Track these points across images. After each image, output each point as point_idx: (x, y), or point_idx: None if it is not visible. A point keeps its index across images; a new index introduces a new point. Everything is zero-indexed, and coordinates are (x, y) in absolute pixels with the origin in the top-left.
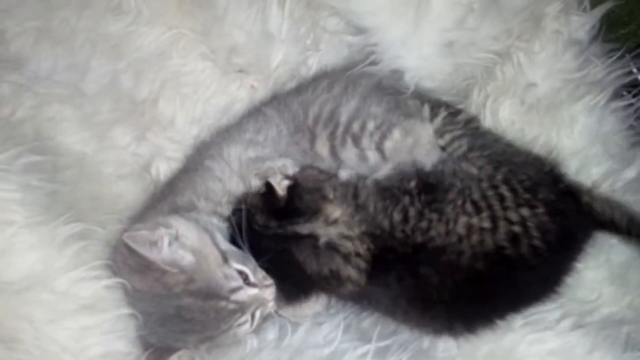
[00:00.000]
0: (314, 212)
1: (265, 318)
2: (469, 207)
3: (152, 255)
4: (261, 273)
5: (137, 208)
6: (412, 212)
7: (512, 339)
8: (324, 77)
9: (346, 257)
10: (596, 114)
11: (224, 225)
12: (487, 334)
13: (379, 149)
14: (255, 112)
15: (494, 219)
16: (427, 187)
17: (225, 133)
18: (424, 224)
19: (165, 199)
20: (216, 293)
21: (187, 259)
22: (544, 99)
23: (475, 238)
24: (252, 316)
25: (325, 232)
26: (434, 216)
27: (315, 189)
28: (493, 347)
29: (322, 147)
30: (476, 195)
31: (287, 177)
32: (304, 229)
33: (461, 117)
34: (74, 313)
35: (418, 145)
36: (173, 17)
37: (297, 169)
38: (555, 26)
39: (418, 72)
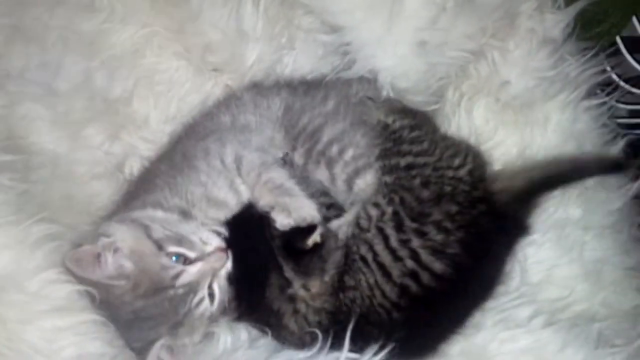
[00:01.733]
0: (304, 272)
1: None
2: (360, 264)
3: (94, 275)
4: (202, 239)
5: (110, 207)
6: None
7: (483, 337)
8: (319, 88)
9: (295, 312)
10: (570, 112)
11: (173, 217)
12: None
13: (349, 182)
14: (231, 99)
15: (383, 267)
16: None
17: (208, 127)
18: (350, 294)
19: (139, 197)
20: (161, 286)
21: (127, 266)
22: (519, 97)
23: (378, 293)
24: (211, 293)
25: (297, 288)
26: (352, 283)
27: (323, 260)
28: (465, 345)
29: (298, 160)
30: (363, 249)
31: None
32: (287, 272)
33: (394, 126)
34: (46, 314)
35: None
36: (147, 15)
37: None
38: (530, 24)
39: (392, 71)
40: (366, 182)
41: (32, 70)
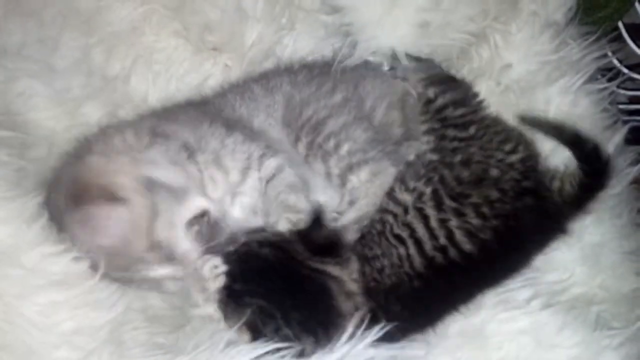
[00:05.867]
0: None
1: None
2: (393, 240)
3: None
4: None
5: None
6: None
7: (482, 317)
8: (328, 77)
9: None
10: (571, 96)
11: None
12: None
13: (342, 177)
14: (245, 91)
15: (418, 242)
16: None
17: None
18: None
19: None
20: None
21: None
22: (520, 80)
23: (407, 264)
24: None
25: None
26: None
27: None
28: (463, 325)
29: (301, 151)
30: (397, 228)
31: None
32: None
33: (438, 103)
34: (43, 288)
35: (379, 189)
36: None
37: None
38: (532, 7)
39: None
40: (360, 179)
41: (30, 46)
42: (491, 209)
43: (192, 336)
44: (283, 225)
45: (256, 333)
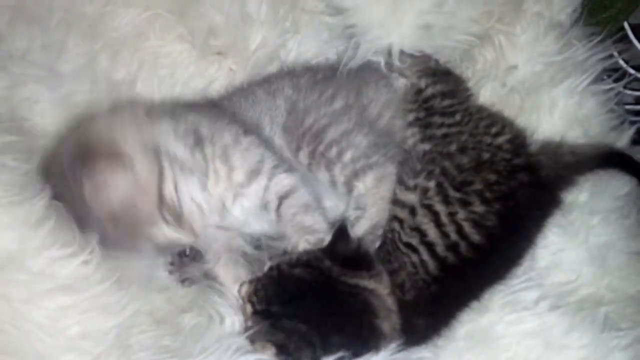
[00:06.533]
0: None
1: None
2: (404, 249)
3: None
4: None
5: None
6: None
7: (490, 319)
8: (328, 84)
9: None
10: (577, 98)
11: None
12: (466, 315)
13: (348, 184)
14: (249, 95)
15: (429, 245)
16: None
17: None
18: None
19: None
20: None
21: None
22: (525, 82)
23: (422, 270)
24: None
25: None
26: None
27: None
28: (471, 328)
29: (303, 160)
30: (405, 236)
31: None
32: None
33: (427, 93)
34: (51, 293)
35: (387, 194)
36: None
37: None
38: (537, 9)
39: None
40: (366, 185)
41: (35, 51)
42: (491, 192)
43: (199, 339)
44: (303, 246)
45: (283, 349)
